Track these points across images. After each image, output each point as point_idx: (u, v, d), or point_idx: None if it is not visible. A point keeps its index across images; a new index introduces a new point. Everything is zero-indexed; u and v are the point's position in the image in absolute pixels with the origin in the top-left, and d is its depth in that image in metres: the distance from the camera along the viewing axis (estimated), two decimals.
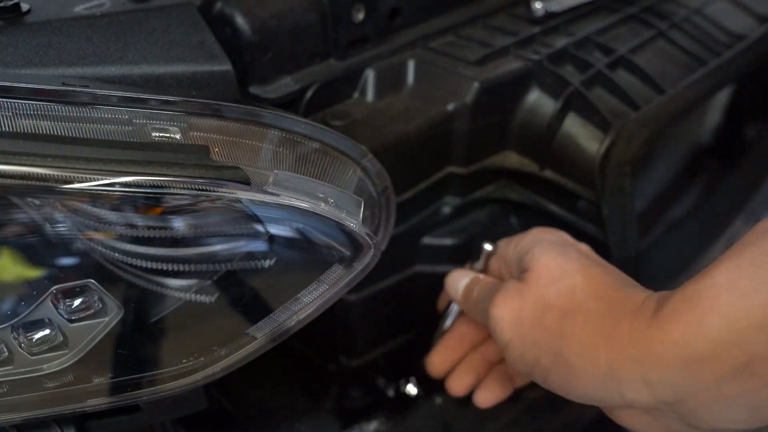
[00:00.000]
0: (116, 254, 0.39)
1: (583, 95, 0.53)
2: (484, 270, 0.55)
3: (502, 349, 0.45)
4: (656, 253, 0.80)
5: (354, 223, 0.39)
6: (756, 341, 0.33)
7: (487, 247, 0.54)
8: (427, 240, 0.59)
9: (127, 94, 0.37)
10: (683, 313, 0.36)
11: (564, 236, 0.49)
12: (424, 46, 0.57)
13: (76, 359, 0.42)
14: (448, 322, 0.57)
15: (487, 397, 0.54)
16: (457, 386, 0.55)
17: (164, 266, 0.41)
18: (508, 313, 0.44)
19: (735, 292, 0.34)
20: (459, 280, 0.53)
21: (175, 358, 0.44)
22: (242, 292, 0.44)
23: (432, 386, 0.59)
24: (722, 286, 0.35)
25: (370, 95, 0.54)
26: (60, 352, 0.42)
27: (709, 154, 1.02)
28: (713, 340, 0.34)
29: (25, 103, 0.34)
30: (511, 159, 0.58)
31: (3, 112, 0.33)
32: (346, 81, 0.53)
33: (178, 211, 0.37)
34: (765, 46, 0.67)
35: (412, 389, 0.60)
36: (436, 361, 0.56)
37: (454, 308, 0.57)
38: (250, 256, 0.42)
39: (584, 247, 0.49)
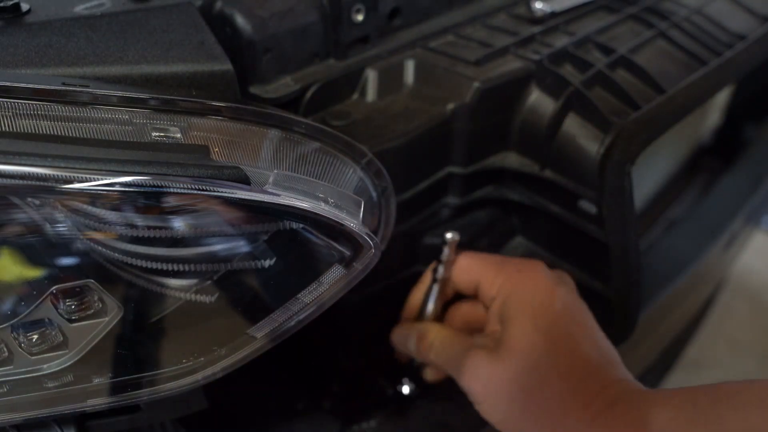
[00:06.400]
0: (116, 254, 0.39)
1: (583, 95, 0.53)
2: (452, 261, 0.54)
3: (474, 404, 0.49)
4: (656, 253, 0.80)
5: (354, 223, 0.39)
6: None
7: (449, 236, 0.54)
8: (427, 240, 0.59)
9: (127, 94, 0.37)
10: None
11: (546, 284, 0.50)
12: (424, 46, 0.57)
13: (76, 359, 0.42)
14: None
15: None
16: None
17: (164, 266, 0.41)
18: (478, 384, 0.48)
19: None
20: (408, 338, 0.55)
21: (175, 358, 0.44)
22: (242, 292, 0.44)
23: (429, 386, 0.59)
24: (662, 419, 0.41)
25: (370, 95, 0.54)
26: (60, 352, 0.42)
27: (709, 154, 1.02)
28: None
29: (25, 103, 0.34)
30: (511, 159, 0.58)
31: (3, 112, 0.33)
32: (346, 81, 0.53)
33: (178, 211, 0.37)
34: (765, 46, 0.67)
35: (406, 389, 0.60)
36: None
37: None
38: (250, 256, 0.42)
39: (561, 293, 0.50)
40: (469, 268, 0.54)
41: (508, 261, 0.53)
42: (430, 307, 0.56)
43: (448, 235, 0.54)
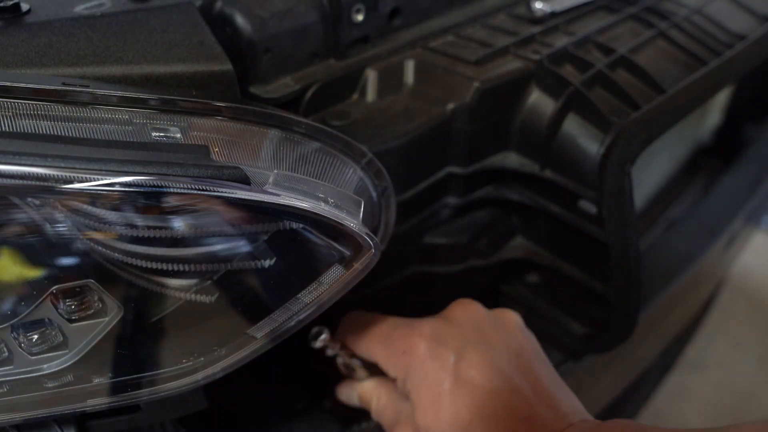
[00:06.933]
0: (116, 254, 0.39)
1: (583, 95, 0.53)
2: (338, 348, 0.53)
3: None
4: (656, 253, 0.80)
5: (354, 223, 0.39)
6: None
7: (317, 344, 0.53)
8: (427, 240, 0.59)
9: (127, 94, 0.37)
10: None
11: (433, 361, 0.47)
12: (424, 46, 0.57)
13: (76, 359, 0.42)
14: None
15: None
16: None
17: (164, 266, 0.41)
18: None
19: None
20: (351, 397, 0.56)
21: (175, 358, 0.44)
22: (242, 292, 0.44)
23: None
24: None
25: (370, 95, 0.54)
26: (60, 352, 0.42)
27: (709, 154, 1.02)
28: None
29: (25, 103, 0.34)
30: (511, 159, 0.58)
31: (3, 112, 0.33)
32: (346, 81, 0.53)
33: (178, 211, 0.37)
34: (765, 46, 0.67)
35: None
36: None
37: None
38: (250, 256, 0.42)
39: (450, 364, 0.47)
40: (362, 352, 0.53)
41: (393, 336, 0.50)
42: (355, 373, 0.55)
43: (317, 343, 0.52)
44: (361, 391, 0.54)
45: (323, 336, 0.52)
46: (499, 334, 0.49)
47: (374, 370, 0.54)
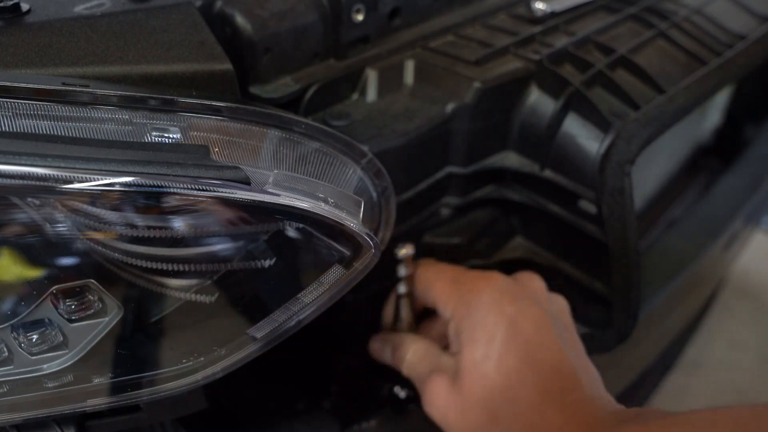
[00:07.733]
0: (116, 254, 0.39)
1: (583, 95, 0.53)
2: (411, 276, 0.53)
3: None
4: (656, 253, 0.80)
5: (354, 223, 0.39)
6: None
7: (402, 252, 0.52)
8: (427, 240, 0.59)
9: (127, 94, 0.37)
10: None
11: (500, 303, 0.48)
12: (424, 46, 0.57)
13: (76, 359, 0.42)
14: None
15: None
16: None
17: (164, 266, 0.41)
18: (438, 411, 0.48)
19: None
20: (383, 349, 0.55)
21: (175, 358, 0.44)
22: (242, 292, 0.44)
23: None
24: None
25: (370, 95, 0.54)
26: (60, 352, 0.42)
27: (709, 154, 1.02)
28: None
29: (25, 103, 0.34)
30: (511, 159, 0.58)
31: (3, 112, 0.33)
32: (346, 81, 0.53)
33: (178, 211, 0.37)
34: (765, 46, 0.67)
35: (402, 393, 0.60)
36: None
37: None
38: (250, 256, 0.42)
39: (515, 311, 0.48)
40: (427, 286, 0.53)
41: (462, 278, 0.51)
42: (401, 320, 0.55)
43: (402, 252, 0.53)
44: (399, 341, 0.54)
45: (408, 252, 0.53)
46: (554, 307, 0.53)
47: (419, 330, 0.55)
